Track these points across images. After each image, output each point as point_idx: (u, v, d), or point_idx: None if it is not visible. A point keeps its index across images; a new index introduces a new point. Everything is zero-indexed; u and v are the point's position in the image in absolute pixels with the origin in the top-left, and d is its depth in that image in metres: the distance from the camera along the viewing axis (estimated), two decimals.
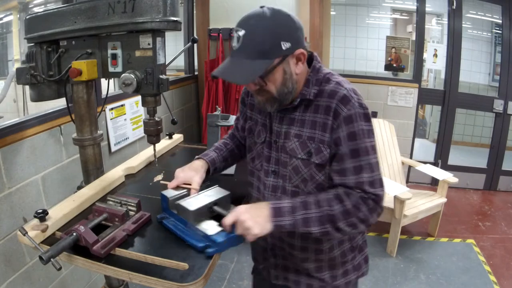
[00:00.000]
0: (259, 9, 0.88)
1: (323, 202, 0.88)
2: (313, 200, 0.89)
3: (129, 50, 1.13)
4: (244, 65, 0.86)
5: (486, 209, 3.47)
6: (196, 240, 0.92)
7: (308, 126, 0.95)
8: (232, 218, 0.87)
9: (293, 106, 0.97)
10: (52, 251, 0.82)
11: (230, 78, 0.92)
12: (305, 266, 1.07)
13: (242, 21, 0.87)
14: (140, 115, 2.38)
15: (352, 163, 0.89)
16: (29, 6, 2.85)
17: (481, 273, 2.46)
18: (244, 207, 0.89)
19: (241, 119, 1.20)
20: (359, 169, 0.89)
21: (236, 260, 2.54)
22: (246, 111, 1.14)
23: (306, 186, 0.97)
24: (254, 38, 0.85)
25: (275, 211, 0.87)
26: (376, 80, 3.87)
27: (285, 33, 0.86)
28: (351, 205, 0.87)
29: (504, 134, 3.71)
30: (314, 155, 0.93)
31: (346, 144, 0.89)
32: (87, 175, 1.36)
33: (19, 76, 1.29)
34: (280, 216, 0.87)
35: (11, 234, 1.49)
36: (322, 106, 0.93)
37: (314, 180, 0.96)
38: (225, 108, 2.68)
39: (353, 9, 3.99)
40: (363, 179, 0.89)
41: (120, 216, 0.98)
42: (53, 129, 1.68)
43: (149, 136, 1.23)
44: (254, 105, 1.09)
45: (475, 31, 3.87)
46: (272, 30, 0.85)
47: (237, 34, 0.86)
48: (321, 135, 0.93)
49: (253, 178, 1.11)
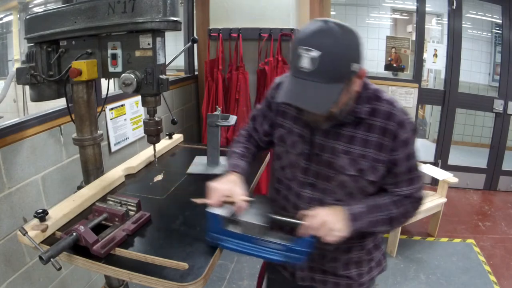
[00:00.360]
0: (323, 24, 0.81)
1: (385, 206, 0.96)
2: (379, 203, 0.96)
3: (129, 50, 1.13)
4: (319, 89, 0.80)
5: (486, 209, 3.47)
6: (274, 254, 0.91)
7: (358, 143, 0.94)
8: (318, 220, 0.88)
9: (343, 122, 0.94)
10: (52, 251, 0.82)
11: (306, 106, 0.84)
12: (332, 265, 1.08)
13: (312, 39, 0.80)
14: (140, 115, 2.38)
15: (406, 177, 0.97)
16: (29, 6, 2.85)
17: (481, 273, 2.46)
18: (324, 210, 0.91)
19: (264, 124, 1.13)
20: (412, 181, 0.98)
21: (236, 260, 2.54)
22: (274, 118, 1.08)
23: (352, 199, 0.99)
24: (331, 61, 0.79)
25: (353, 216, 0.91)
26: (376, 80, 3.87)
27: (356, 55, 0.83)
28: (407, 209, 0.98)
29: (504, 134, 3.71)
30: (367, 173, 0.95)
31: (404, 164, 0.95)
32: (87, 175, 1.36)
33: (19, 76, 1.29)
34: (356, 220, 0.91)
35: (11, 234, 1.49)
36: (377, 126, 0.93)
37: (363, 194, 0.99)
38: (225, 108, 2.68)
39: (353, 9, 4.00)
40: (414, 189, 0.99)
41: (120, 216, 0.98)
42: (53, 129, 1.68)
43: (149, 136, 1.23)
44: (287, 112, 1.04)
45: (475, 31, 3.87)
46: (347, 52, 0.81)
47: (310, 54, 0.78)
48: (375, 154, 0.93)
49: (281, 186, 1.09)
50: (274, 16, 2.55)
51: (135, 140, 2.34)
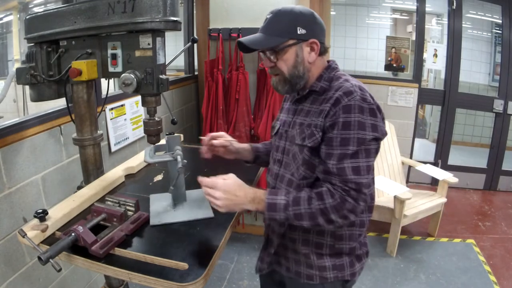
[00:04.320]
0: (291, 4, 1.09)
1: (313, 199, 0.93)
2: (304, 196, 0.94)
3: (129, 50, 1.12)
4: (262, 38, 1.00)
5: (486, 209, 3.47)
6: None
7: (310, 115, 1.02)
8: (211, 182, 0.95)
9: (303, 96, 1.07)
10: (50, 251, 0.82)
11: (248, 44, 1.01)
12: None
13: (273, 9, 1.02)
14: (140, 115, 2.38)
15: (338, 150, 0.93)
16: (29, 6, 2.85)
17: (481, 273, 2.46)
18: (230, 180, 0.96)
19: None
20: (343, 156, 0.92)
21: (236, 260, 2.54)
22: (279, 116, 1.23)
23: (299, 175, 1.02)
24: (277, 20, 1.00)
25: (270, 206, 0.95)
26: (376, 80, 3.87)
27: (303, 21, 0.99)
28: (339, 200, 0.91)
29: (504, 134, 3.71)
30: (306, 139, 0.99)
31: (339, 131, 0.93)
32: (87, 175, 1.36)
33: (19, 76, 1.29)
34: (274, 211, 0.95)
35: (11, 234, 1.49)
36: (327, 98, 0.99)
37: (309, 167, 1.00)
38: (225, 108, 2.68)
39: (353, 9, 3.99)
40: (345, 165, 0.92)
41: (118, 216, 0.98)
42: (53, 129, 1.68)
43: (149, 136, 1.23)
44: (284, 108, 1.20)
45: (475, 31, 3.87)
46: (292, 16, 0.99)
47: (266, 17, 1.01)
48: (315, 120, 0.98)
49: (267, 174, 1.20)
50: None
51: (135, 140, 2.34)
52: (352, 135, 0.92)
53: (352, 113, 0.92)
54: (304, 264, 1.09)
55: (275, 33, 0.99)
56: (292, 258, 1.11)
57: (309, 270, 1.08)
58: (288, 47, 0.99)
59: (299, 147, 1.02)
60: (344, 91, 0.95)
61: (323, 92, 1.02)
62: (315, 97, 1.04)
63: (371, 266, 2.52)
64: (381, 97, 3.84)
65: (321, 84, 1.03)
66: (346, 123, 0.92)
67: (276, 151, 1.14)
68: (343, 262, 1.08)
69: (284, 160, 1.09)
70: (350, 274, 1.09)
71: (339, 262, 1.07)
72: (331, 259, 1.07)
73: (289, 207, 0.93)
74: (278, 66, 1.02)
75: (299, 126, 1.04)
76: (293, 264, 1.11)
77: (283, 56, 1.00)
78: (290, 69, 1.01)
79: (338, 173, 0.92)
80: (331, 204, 0.91)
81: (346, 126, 0.92)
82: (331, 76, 1.04)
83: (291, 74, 1.01)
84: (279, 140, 1.13)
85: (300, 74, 1.02)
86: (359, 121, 0.92)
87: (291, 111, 1.12)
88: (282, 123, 1.14)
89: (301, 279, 1.10)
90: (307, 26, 0.99)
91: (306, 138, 1.00)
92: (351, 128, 0.92)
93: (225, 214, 1.00)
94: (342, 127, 0.92)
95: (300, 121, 1.05)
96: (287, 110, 1.16)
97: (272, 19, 1.00)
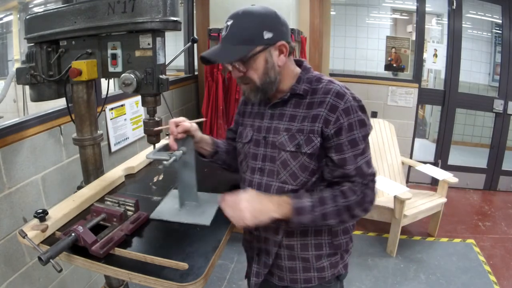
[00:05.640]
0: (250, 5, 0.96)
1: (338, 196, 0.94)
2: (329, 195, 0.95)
3: (129, 50, 1.13)
4: (228, 49, 0.94)
5: (486, 209, 3.47)
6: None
7: (298, 120, 0.99)
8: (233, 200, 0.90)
9: (283, 101, 1.02)
10: (51, 252, 0.82)
11: (214, 58, 0.97)
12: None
13: (232, 13, 0.96)
14: (140, 115, 2.38)
15: (351, 152, 0.95)
16: (29, 6, 2.84)
17: (481, 273, 2.46)
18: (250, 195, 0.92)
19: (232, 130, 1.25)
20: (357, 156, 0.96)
21: (236, 260, 2.54)
22: (239, 120, 1.18)
23: (295, 181, 1.00)
24: (239, 26, 0.93)
25: (297, 210, 0.92)
26: (376, 80, 3.87)
27: (267, 24, 0.94)
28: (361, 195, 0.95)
29: (504, 134, 3.71)
30: (303, 146, 0.97)
31: (346, 135, 0.94)
32: (87, 175, 1.36)
33: (19, 76, 1.29)
34: (301, 214, 0.93)
35: (11, 234, 1.49)
36: (316, 102, 0.98)
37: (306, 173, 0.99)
38: (225, 108, 2.68)
39: (353, 9, 3.99)
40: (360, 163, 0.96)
41: (118, 216, 0.98)
42: (53, 129, 1.68)
43: (149, 136, 1.23)
44: (246, 112, 1.15)
45: (475, 31, 3.87)
46: (256, 20, 0.93)
47: (226, 24, 0.95)
48: (311, 126, 0.97)
49: (244, 184, 1.11)
50: None
51: (135, 140, 2.34)
52: (357, 134, 0.95)
53: (352, 114, 0.95)
54: (301, 270, 1.07)
55: (240, 42, 0.93)
56: (287, 266, 1.08)
57: (306, 274, 1.08)
58: (257, 54, 0.94)
59: (292, 153, 0.98)
60: (335, 95, 0.95)
61: (306, 95, 1.00)
62: (297, 101, 1.01)
63: (371, 266, 2.52)
64: (381, 97, 3.84)
65: (303, 86, 1.00)
66: (350, 126, 0.95)
67: (253, 159, 1.06)
68: (338, 259, 1.10)
69: (268, 168, 1.03)
70: (343, 266, 1.12)
71: (334, 260, 1.09)
72: (328, 258, 1.07)
73: (316, 208, 0.93)
74: (248, 75, 0.97)
75: (286, 132, 0.99)
76: (287, 272, 1.09)
77: (252, 65, 0.95)
78: (261, 77, 0.97)
79: (357, 173, 0.96)
80: (355, 200, 0.94)
81: (351, 128, 0.95)
82: (309, 78, 1.02)
83: (262, 82, 0.97)
84: (255, 147, 1.06)
85: (272, 79, 0.98)
86: (359, 120, 0.96)
87: (267, 116, 1.05)
88: (255, 129, 1.07)
89: (297, 285, 1.09)
90: (273, 29, 0.94)
91: (303, 145, 0.97)
92: (354, 129, 0.95)
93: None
94: (348, 130, 0.94)
95: (285, 126, 1.00)
96: (257, 114, 1.09)
97: (234, 26, 0.93)
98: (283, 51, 0.97)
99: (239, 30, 0.93)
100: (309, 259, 1.06)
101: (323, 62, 3.48)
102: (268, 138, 1.03)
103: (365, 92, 3.84)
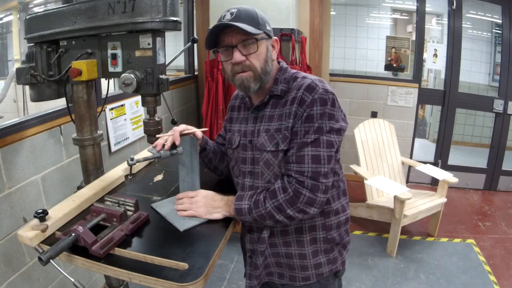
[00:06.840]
0: None
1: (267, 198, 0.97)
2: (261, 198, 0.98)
3: (129, 50, 1.12)
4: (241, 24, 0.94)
5: (486, 209, 3.47)
6: None
7: (276, 120, 1.01)
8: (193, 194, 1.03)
9: (264, 103, 1.05)
10: (51, 252, 0.82)
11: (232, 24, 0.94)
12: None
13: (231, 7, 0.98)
14: (140, 115, 2.38)
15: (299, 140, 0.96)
16: (29, 6, 2.85)
17: (481, 273, 2.46)
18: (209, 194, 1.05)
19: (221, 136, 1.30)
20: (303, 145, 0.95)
21: (236, 260, 2.54)
22: (227, 126, 1.22)
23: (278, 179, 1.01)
24: (246, 12, 0.96)
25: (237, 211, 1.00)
26: (376, 80, 3.87)
27: (265, 20, 1.01)
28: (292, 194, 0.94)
29: (504, 134, 3.71)
30: (280, 143, 0.98)
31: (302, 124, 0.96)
32: (87, 175, 1.36)
33: (19, 76, 1.29)
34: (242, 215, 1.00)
35: (11, 234, 1.49)
36: (291, 99, 0.99)
37: None
38: (225, 108, 2.68)
39: (353, 9, 3.99)
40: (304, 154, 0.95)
41: (118, 216, 0.98)
42: (53, 129, 1.68)
43: (149, 136, 1.23)
44: (233, 118, 1.18)
45: (475, 31, 3.87)
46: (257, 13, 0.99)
47: (229, 12, 0.96)
48: (286, 123, 0.98)
49: (238, 188, 1.15)
50: (274, 16, 2.54)
51: (135, 140, 2.34)
52: (312, 126, 0.95)
53: (315, 106, 0.95)
54: (299, 268, 1.08)
55: (250, 23, 0.95)
56: (285, 263, 1.10)
57: (304, 272, 1.08)
58: (262, 40, 0.98)
59: (273, 153, 1.00)
60: (305, 88, 0.96)
61: (284, 95, 1.01)
62: (275, 101, 1.03)
63: (371, 266, 2.52)
64: (381, 97, 3.84)
65: (280, 87, 1.02)
66: (310, 116, 0.95)
67: (243, 164, 1.09)
68: (336, 254, 1.10)
69: (255, 171, 1.06)
70: (341, 263, 1.13)
71: (332, 256, 1.09)
72: (325, 254, 1.08)
73: (252, 210, 0.98)
74: (250, 60, 0.97)
75: (265, 133, 1.02)
76: (286, 269, 1.10)
77: (256, 50, 0.97)
78: (262, 64, 0.99)
79: (296, 161, 0.95)
80: (284, 199, 0.94)
81: (310, 119, 0.95)
82: (286, 78, 1.03)
83: (263, 69, 0.99)
84: (243, 151, 1.09)
85: (269, 71, 1.01)
86: (322, 112, 0.95)
87: (250, 120, 1.09)
88: (242, 134, 1.10)
89: (296, 283, 1.09)
90: (269, 25, 1.01)
91: (280, 142, 0.98)
92: (314, 121, 0.95)
93: None
94: (305, 120, 0.95)
95: (265, 127, 1.03)
96: (243, 119, 1.12)
97: (241, 11, 0.96)
98: (275, 48, 1.03)
99: (247, 14, 0.96)
100: (306, 256, 1.07)
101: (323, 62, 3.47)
102: (253, 141, 1.06)
103: (365, 92, 3.84)
